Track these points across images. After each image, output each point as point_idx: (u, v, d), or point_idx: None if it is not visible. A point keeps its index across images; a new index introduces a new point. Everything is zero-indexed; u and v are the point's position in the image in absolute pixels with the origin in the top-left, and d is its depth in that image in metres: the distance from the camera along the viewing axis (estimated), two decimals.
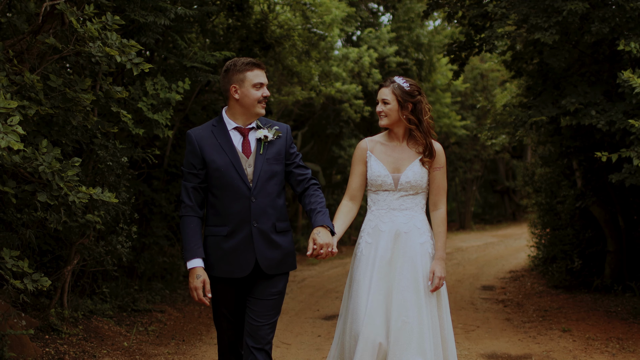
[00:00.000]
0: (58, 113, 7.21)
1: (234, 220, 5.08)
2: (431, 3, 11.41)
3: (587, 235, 13.39)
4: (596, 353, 8.67)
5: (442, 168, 5.40)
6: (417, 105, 5.29)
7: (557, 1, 9.30)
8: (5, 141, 5.10)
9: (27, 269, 6.29)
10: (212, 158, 5.08)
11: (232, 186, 5.06)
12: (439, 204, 5.41)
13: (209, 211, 5.24)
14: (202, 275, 5.01)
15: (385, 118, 5.33)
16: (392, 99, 5.28)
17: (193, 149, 5.15)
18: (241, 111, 5.18)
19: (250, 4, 12.36)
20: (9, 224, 8.04)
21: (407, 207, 5.31)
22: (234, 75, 5.15)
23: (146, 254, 11.50)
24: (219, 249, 5.11)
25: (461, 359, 8.44)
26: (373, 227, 5.34)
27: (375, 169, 5.34)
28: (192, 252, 5.05)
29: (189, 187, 5.13)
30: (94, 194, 6.66)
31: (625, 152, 8.67)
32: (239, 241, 5.08)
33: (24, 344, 7.76)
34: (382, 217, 5.33)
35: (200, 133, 5.20)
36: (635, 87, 8.36)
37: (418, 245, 5.23)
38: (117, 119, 8.60)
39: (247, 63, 5.18)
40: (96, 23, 7.01)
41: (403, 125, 5.34)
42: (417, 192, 5.34)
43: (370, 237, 5.32)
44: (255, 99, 5.13)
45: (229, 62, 5.26)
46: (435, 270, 5.21)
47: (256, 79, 5.14)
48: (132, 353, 8.39)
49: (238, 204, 5.07)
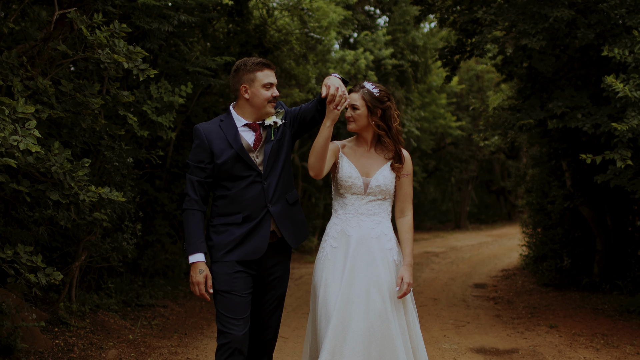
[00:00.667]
0: (68, 116, 7.59)
1: (250, 207, 5.12)
2: (423, 9, 11.82)
3: (576, 234, 13.80)
4: (581, 348, 9.05)
5: (410, 175, 5.35)
6: (387, 111, 5.25)
7: (544, 8, 9.69)
8: (23, 144, 5.48)
9: (40, 264, 6.68)
10: (220, 152, 5.11)
11: (242, 177, 5.11)
12: (406, 211, 5.33)
13: (220, 201, 5.21)
14: (205, 270, 5.05)
15: (354, 123, 5.25)
16: (361, 104, 5.20)
17: (202, 143, 5.15)
18: (251, 110, 5.21)
19: (249, 10, 12.76)
20: (21, 221, 8.44)
21: (375, 213, 5.22)
22: (244, 75, 5.17)
23: (149, 251, 11.90)
24: (233, 236, 5.11)
25: (451, 352, 8.82)
26: (339, 231, 5.22)
27: (347, 170, 5.23)
28: (195, 246, 5.07)
29: (194, 181, 5.13)
30: (103, 193, 7.05)
31: (609, 154, 9.03)
32: (256, 224, 5.12)
33: (35, 335, 8.15)
34: (349, 221, 5.21)
35: (208, 127, 5.22)
36: (618, 91, 8.73)
37: (386, 251, 5.15)
38: (123, 122, 9.00)
39: (257, 63, 5.20)
40: (105, 31, 7.40)
41: (372, 131, 5.28)
42: (385, 198, 5.25)
43: (335, 242, 5.20)
44: (265, 98, 5.16)
45: (239, 62, 5.28)
46: (404, 276, 5.10)
47: (266, 79, 5.16)
48: (137, 345, 8.78)
49: (251, 190, 5.12)
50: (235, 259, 5.10)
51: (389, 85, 21.76)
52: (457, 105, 30.42)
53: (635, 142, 9.25)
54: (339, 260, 5.11)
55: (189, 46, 10.91)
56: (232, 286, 5.08)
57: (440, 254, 21.09)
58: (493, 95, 17.15)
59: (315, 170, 5.12)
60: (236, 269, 5.10)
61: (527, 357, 8.54)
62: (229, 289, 5.08)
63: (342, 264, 5.08)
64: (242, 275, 5.11)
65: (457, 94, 29.77)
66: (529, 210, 16.03)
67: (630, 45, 9.17)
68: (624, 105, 9.08)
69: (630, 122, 8.67)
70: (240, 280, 5.10)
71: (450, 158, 31.74)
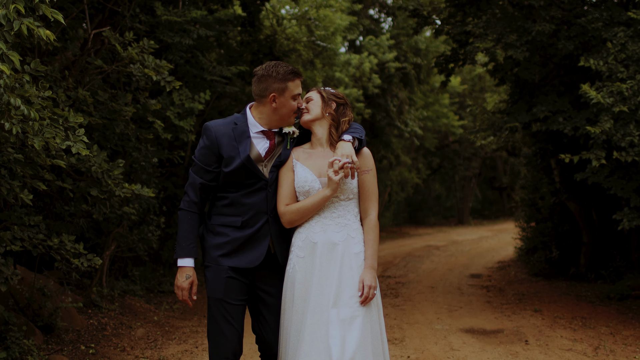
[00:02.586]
0: (104, 123, 8.67)
1: (250, 212, 4.90)
2: (420, 21, 12.88)
3: (564, 228, 14.86)
4: (560, 329, 10.05)
5: (371, 171, 4.98)
6: (340, 107, 5.02)
7: (527, 22, 10.72)
8: (75, 148, 6.51)
9: (82, 251, 7.74)
10: (229, 159, 4.86)
11: (247, 184, 4.91)
12: (369, 210, 4.95)
13: (220, 201, 5.00)
14: (192, 276, 4.91)
15: (307, 114, 4.96)
16: (316, 97, 5.00)
17: (211, 145, 4.90)
18: (274, 119, 4.96)
19: (260, 20, 13.83)
20: (59, 215, 9.52)
21: (339, 215, 4.88)
22: (274, 83, 4.87)
23: (170, 242, 12.98)
24: (229, 239, 4.91)
25: (442, 332, 9.85)
26: (303, 239, 4.88)
27: (302, 175, 4.91)
28: (186, 250, 4.89)
29: (197, 183, 4.90)
30: (136, 190, 8.12)
31: (586, 154, 10.05)
32: (254, 231, 4.90)
33: (72, 316, 9.23)
34: (312, 227, 4.88)
35: (220, 129, 4.93)
36: (592, 98, 9.73)
37: (353, 255, 4.82)
38: (148, 125, 10.07)
39: (290, 72, 4.91)
40: (135, 47, 8.48)
41: (326, 126, 4.97)
42: (349, 198, 4.91)
43: (302, 251, 4.86)
44: (292, 110, 4.94)
45: (269, 67, 4.95)
46: (364, 279, 4.75)
47: (296, 90, 4.92)
48: (162, 325, 9.85)
49: (254, 196, 4.90)
50: (231, 265, 4.87)
51: (392, 86, 22.81)
52: (460, 104, 31.40)
53: (609, 143, 10.24)
54: (308, 271, 4.81)
55: (206, 56, 11.97)
56: (224, 294, 4.86)
57: (441, 247, 22.18)
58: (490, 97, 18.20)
59: (292, 224, 4.94)
60: (230, 275, 4.87)
61: (511, 336, 9.54)
62: (221, 297, 4.86)
63: (311, 273, 4.78)
64: (236, 282, 4.89)
65: (459, 93, 30.73)
66: (522, 206, 17.09)
67: (605, 55, 10.16)
68: (599, 110, 10.07)
69: (603, 125, 9.68)
70: (233, 287, 4.88)
71: (453, 156, 32.77)
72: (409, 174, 29.73)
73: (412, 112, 24.71)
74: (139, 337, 9.14)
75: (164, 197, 12.75)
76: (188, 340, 9.12)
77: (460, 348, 8.87)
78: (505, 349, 8.83)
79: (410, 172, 29.99)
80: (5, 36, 5.09)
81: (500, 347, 8.89)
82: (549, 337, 9.49)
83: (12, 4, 5.04)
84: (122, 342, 8.82)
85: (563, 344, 9.07)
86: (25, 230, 7.39)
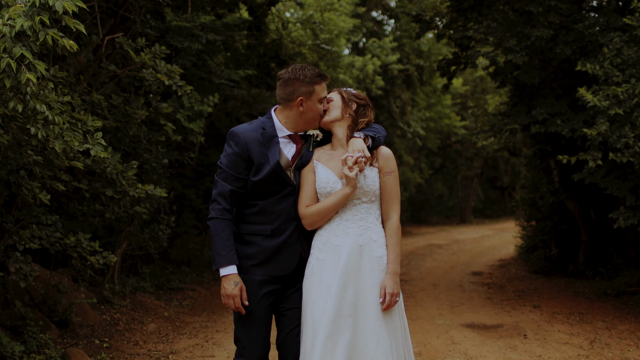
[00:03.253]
0: (118, 126, 9.01)
1: (279, 219, 4.83)
2: (422, 26, 13.23)
3: (563, 227, 15.20)
4: (558, 323, 10.38)
5: (393, 173, 4.88)
6: (361, 107, 4.94)
7: (526, 28, 11.05)
8: (94, 151, 6.85)
9: (98, 248, 8.08)
10: (259, 166, 4.78)
11: (276, 191, 4.83)
12: (391, 213, 4.86)
13: (248, 209, 4.91)
14: (240, 282, 4.76)
15: (327, 115, 4.89)
16: (337, 97, 4.92)
17: (241, 152, 4.79)
18: (301, 123, 4.88)
19: (266, 24, 14.18)
20: (71, 214, 9.86)
21: (362, 218, 4.79)
22: (302, 87, 4.78)
23: (178, 241, 13.34)
24: (260, 248, 4.83)
25: (444, 327, 10.18)
26: (324, 242, 4.78)
27: (323, 176, 4.82)
28: (227, 258, 4.75)
29: (227, 191, 4.78)
30: (149, 190, 8.47)
31: (583, 155, 10.38)
32: (285, 239, 4.83)
33: (86, 311, 9.57)
34: (334, 230, 4.78)
35: (250, 135, 4.82)
36: (589, 101, 10.05)
37: (375, 260, 4.74)
38: (158, 127, 10.41)
39: (317, 75, 4.83)
40: (147, 53, 8.82)
41: (346, 126, 4.89)
42: (371, 200, 4.83)
43: (321, 253, 4.76)
44: (318, 113, 4.87)
45: (295, 70, 4.86)
46: (386, 286, 4.68)
47: (322, 93, 4.84)
48: (172, 320, 10.20)
49: (283, 202, 4.84)
50: (264, 274, 4.83)
51: (395, 87, 23.14)
52: (462, 105, 31.72)
53: (605, 144, 10.56)
54: (325, 274, 4.70)
55: (214, 60, 12.32)
56: (256, 305, 4.81)
57: (443, 246, 22.53)
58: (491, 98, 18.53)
59: (313, 226, 4.86)
60: (262, 286, 4.82)
61: (510, 331, 9.88)
62: (252, 308, 4.80)
63: (331, 277, 4.67)
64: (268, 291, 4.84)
65: (461, 94, 31.05)
66: (523, 205, 17.43)
67: (601, 60, 10.48)
68: (596, 113, 10.39)
69: (599, 127, 10.00)
70: (265, 298, 4.83)
71: (455, 156, 33.10)
72: (411, 173, 30.03)
73: (415, 113, 25.06)
74: (151, 332, 9.48)
75: (172, 197, 13.11)
76: (198, 335, 9.47)
77: (461, 342, 9.22)
78: (504, 342, 9.17)
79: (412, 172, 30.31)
80: (31, 46, 5.42)
81: (499, 341, 9.23)
82: (546, 331, 9.82)
83: (37, 15, 5.36)
84: (134, 337, 9.17)
85: (560, 337, 9.40)
86: (42, 229, 7.74)
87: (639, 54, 10.12)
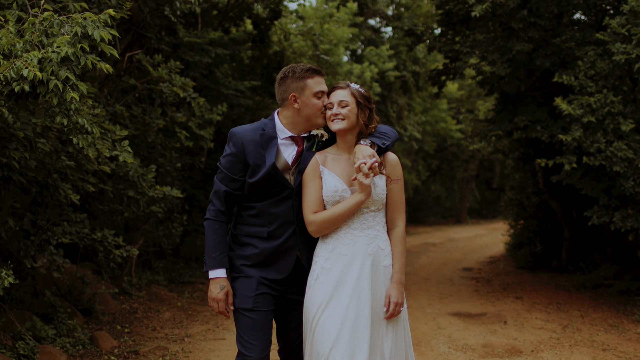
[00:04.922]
0: (138, 134, 10.04)
1: (276, 222, 4.76)
2: (414, 40, 14.28)
3: (548, 225, 16.28)
4: (536, 312, 11.38)
5: (400, 181, 4.76)
6: (372, 113, 4.78)
7: (508, 42, 12.07)
8: (122, 157, 7.86)
9: (121, 243, 9.09)
10: (255, 168, 4.71)
11: (273, 193, 4.76)
12: (397, 221, 4.77)
13: (246, 211, 4.86)
14: (227, 286, 4.72)
15: (342, 122, 4.65)
16: (351, 100, 4.66)
17: (237, 152, 4.75)
18: (300, 121, 4.78)
19: (270, 37, 15.21)
20: (92, 213, 10.86)
21: (370, 226, 4.68)
22: (292, 83, 4.72)
23: (188, 239, 14.36)
24: (257, 250, 4.77)
25: (432, 315, 11.20)
26: (331, 250, 4.65)
27: (331, 184, 4.67)
28: (217, 261, 4.69)
29: (221, 191, 4.76)
30: (166, 191, 9.49)
31: (559, 159, 11.39)
32: (281, 242, 4.76)
33: (107, 301, 10.58)
34: (341, 238, 4.65)
35: (247, 136, 4.76)
36: (564, 110, 11.04)
37: (383, 269, 4.68)
38: (172, 134, 11.43)
39: (307, 69, 4.75)
40: (164, 68, 9.85)
41: (355, 132, 4.73)
42: (379, 208, 4.71)
43: (327, 262, 4.64)
44: (317, 108, 4.72)
45: (286, 69, 4.83)
46: (391, 295, 4.65)
47: (317, 87, 4.71)
48: (185, 310, 11.22)
49: (280, 206, 4.76)
50: (259, 275, 4.76)
51: (392, 93, 24.13)
52: (458, 109, 32.67)
53: (580, 149, 11.56)
54: (332, 283, 4.59)
55: (222, 72, 13.36)
56: (254, 305, 4.73)
57: (437, 244, 23.58)
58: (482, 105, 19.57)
59: (321, 233, 4.73)
60: (258, 287, 4.75)
61: (492, 318, 10.89)
62: (251, 308, 4.72)
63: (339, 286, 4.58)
64: (264, 294, 4.77)
65: (457, 99, 32.03)
66: (511, 205, 18.47)
67: (577, 72, 11.46)
68: (571, 120, 11.38)
69: (574, 133, 11.00)
70: (262, 298, 4.76)
71: (452, 158, 34.08)
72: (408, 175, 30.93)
73: (412, 117, 26.06)
74: (167, 319, 10.49)
75: (184, 198, 14.13)
76: (210, 322, 10.48)
77: (447, 327, 10.24)
78: (485, 328, 10.19)
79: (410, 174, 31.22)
80: (74, 69, 6.42)
81: (482, 327, 10.26)
82: (525, 318, 10.83)
83: (79, 43, 6.36)
84: (152, 323, 10.18)
85: (536, 324, 10.42)
86: (72, 226, 8.75)
87: (610, 67, 11.06)
